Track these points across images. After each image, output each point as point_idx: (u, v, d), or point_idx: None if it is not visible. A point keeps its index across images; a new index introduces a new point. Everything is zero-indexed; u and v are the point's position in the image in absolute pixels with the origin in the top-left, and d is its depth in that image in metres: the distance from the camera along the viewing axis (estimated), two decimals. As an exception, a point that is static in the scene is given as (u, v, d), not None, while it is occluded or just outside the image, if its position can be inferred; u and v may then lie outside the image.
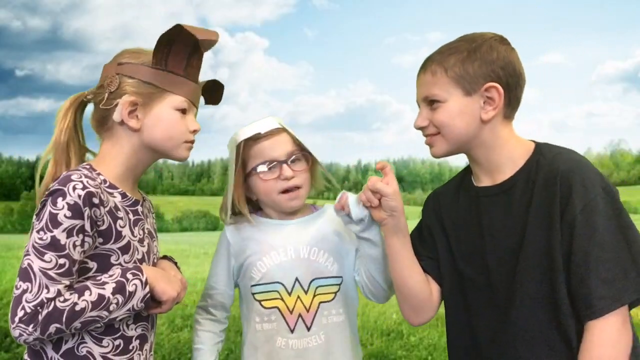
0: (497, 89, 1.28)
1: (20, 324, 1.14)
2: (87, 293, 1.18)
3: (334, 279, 1.56)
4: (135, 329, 1.32)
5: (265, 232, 1.58)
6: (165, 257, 1.50)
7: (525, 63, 1.40)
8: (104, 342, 1.27)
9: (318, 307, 1.53)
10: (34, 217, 1.23)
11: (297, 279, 1.53)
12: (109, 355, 1.28)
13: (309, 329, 1.52)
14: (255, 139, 1.54)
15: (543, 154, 1.30)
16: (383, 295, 1.54)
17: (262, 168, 1.53)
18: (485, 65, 1.28)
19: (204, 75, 1.44)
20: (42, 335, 1.15)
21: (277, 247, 1.56)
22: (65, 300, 1.16)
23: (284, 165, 1.53)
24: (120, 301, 1.20)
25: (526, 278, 1.24)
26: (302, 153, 1.57)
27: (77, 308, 1.16)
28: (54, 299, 1.15)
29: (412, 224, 1.49)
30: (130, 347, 1.32)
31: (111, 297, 1.19)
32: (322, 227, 1.60)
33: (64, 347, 1.24)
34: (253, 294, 1.55)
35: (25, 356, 1.28)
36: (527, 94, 1.40)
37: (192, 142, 1.40)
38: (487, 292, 1.31)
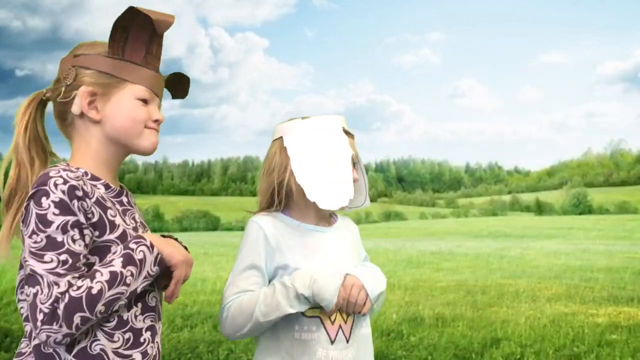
0: None
1: (44, 327, 1.11)
2: (98, 275, 1.15)
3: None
4: (144, 320, 1.29)
5: (304, 237, 1.52)
6: (167, 236, 1.44)
7: (525, 63, 1.41)
8: (115, 337, 1.24)
9: (354, 319, 1.51)
10: (21, 224, 1.20)
11: None
12: (120, 350, 1.24)
13: (348, 340, 1.49)
14: None
15: None
16: None
17: None
18: None
19: (204, 75, 1.47)
20: (70, 328, 1.12)
21: (319, 255, 1.51)
22: (79, 287, 1.13)
23: None
24: (134, 272, 1.18)
25: None
26: (355, 162, 1.56)
27: (94, 291, 1.13)
28: (66, 291, 1.12)
29: (412, 224, 1.49)
30: (142, 340, 1.28)
31: (123, 270, 1.17)
32: (350, 239, 1.60)
33: (77, 347, 1.21)
34: None
35: None
36: (527, 94, 1.40)
37: (156, 130, 1.36)
38: None
